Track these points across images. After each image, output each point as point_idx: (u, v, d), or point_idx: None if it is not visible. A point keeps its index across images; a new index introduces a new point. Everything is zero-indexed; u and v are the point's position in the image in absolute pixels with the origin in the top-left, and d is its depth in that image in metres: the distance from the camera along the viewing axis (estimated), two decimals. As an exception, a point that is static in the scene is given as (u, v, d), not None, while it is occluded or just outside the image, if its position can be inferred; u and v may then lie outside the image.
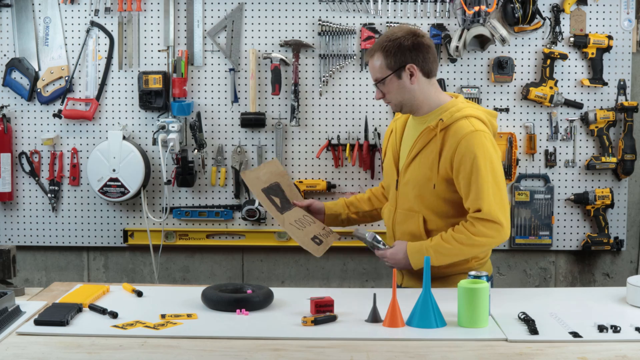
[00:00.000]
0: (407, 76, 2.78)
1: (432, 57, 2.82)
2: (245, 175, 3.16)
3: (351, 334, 2.25)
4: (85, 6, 3.96)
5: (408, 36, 2.78)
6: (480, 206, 2.67)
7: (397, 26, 2.89)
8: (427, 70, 2.81)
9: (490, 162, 2.72)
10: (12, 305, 2.39)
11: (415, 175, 2.80)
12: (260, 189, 3.05)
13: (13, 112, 4.01)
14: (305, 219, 3.08)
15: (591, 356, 2.09)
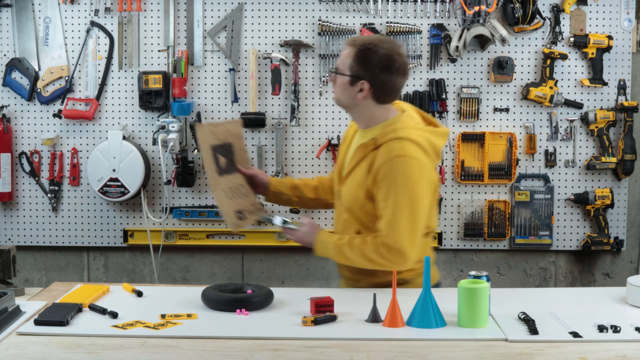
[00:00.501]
0: (358, 88, 2.69)
1: (393, 90, 2.70)
2: (200, 127, 3.08)
3: (351, 334, 2.25)
4: (85, 6, 3.96)
5: (387, 57, 2.66)
6: (390, 234, 2.61)
7: (392, 41, 2.75)
8: (380, 97, 2.70)
9: (410, 191, 2.60)
10: (12, 305, 2.39)
11: (347, 190, 2.77)
12: (209, 145, 2.96)
13: (13, 112, 4.01)
14: (241, 189, 3.01)
15: (591, 356, 2.09)
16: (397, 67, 2.66)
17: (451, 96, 3.99)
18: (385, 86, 2.67)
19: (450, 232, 4.06)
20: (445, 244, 4.07)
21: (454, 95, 4.00)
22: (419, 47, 3.97)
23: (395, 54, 2.67)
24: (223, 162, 3.02)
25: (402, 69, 2.69)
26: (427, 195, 2.66)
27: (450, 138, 4.00)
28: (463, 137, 3.99)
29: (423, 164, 2.63)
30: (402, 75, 2.70)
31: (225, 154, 3.07)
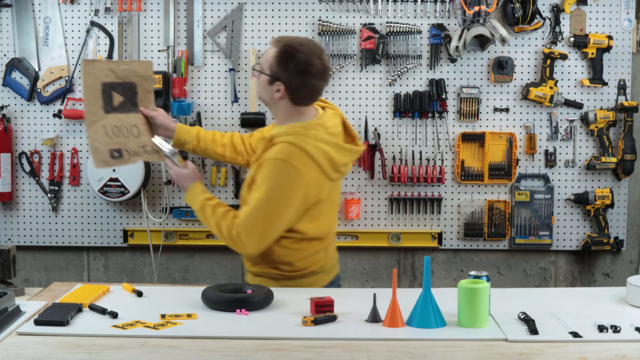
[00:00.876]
0: (276, 89, 2.77)
1: (310, 94, 2.78)
2: (90, 62, 3.17)
3: (351, 334, 2.25)
4: (85, 6, 3.96)
5: (305, 62, 2.73)
6: (243, 224, 2.71)
7: (314, 45, 2.81)
8: (296, 99, 2.78)
9: (276, 196, 2.69)
10: (12, 305, 2.39)
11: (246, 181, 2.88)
12: (100, 81, 3.02)
13: (13, 112, 4.01)
14: (132, 130, 3.06)
15: (591, 356, 2.09)
16: (314, 73, 2.74)
17: (451, 96, 3.99)
18: (301, 89, 2.76)
19: (450, 232, 4.06)
20: (445, 244, 4.07)
21: (454, 95, 4.00)
22: (419, 47, 3.97)
23: (314, 59, 2.75)
24: (118, 101, 3.09)
25: (320, 74, 2.77)
26: (294, 204, 2.70)
27: (451, 138, 4.00)
28: (463, 137, 4.00)
29: (300, 176, 2.69)
30: (320, 79, 2.78)
31: (124, 93, 3.13)
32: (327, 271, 2.95)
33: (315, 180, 2.73)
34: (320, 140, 2.75)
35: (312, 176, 2.72)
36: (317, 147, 2.73)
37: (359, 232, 4.05)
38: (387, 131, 4.00)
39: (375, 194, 4.03)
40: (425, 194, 4.03)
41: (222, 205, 2.81)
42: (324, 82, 2.80)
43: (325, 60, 2.79)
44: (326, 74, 2.80)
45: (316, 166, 2.72)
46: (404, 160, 4.00)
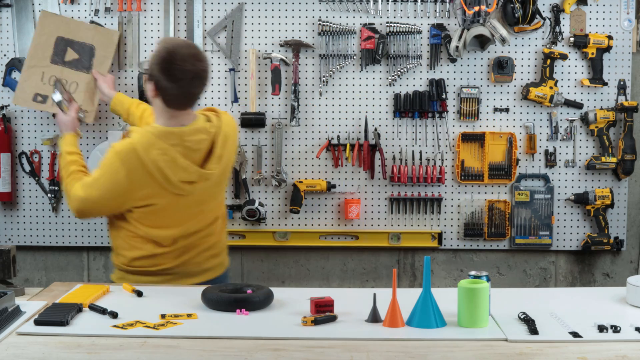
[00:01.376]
0: (150, 87, 2.87)
1: (178, 99, 2.85)
2: (50, 16, 3.65)
3: (351, 334, 2.25)
4: (85, 6, 3.96)
5: (176, 66, 2.79)
6: (79, 184, 2.94)
7: (195, 50, 2.87)
8: (167, 103, 2.86)
9: (100, 177, 2.88)
10: (12, 305, 2.39)
11: None
12: (57, 35, 3.48)
13: (13, 112, 4.01)
14: (71, 86, 3.51)
15: (591, 356, 2.09)
16: (182, 77, 2.79)
17: (451, 96, 3.99)
18: (169, 92, 2.82)
19: (450, 232, 4.06)
20: (445, 244, 4.07)
21: (454, 95, 4.00)
22: (419, 47, 3.97)
23: (186, 64, 2.79)
24: (71, 57, 3.51)
25: (189, 80, 2.81)
26: (112, 193, 2.88)
27: (451, 138, 4.00)
28: (463, 137, 4.00)
29: (124, 174, 2.83)
30: (190, 85, 2.82)
31: (81, 53, 3.56)
32: (176, 275, 3.00)
33: (142, 184, 2.83)
34: (160, 150, 2.81)
35: (139, 180, 2.82)
36: (153, 158, 2.80)
37: (359, 232, 4.05)
38: (387, 131, 4.00)
39: (375, 194, 4.03)
40: (425, 194, 4.03)
41: (76, 163, 3.00)
42: (195, 89, 2.84)
43: (199, 66, 2.82)
44: (197, 80, 2.82)
45: (147, 174, 2.81)
46: (404, 160, 4.00)
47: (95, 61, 3.73)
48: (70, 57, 3.76)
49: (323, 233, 4.05)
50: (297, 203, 3.97)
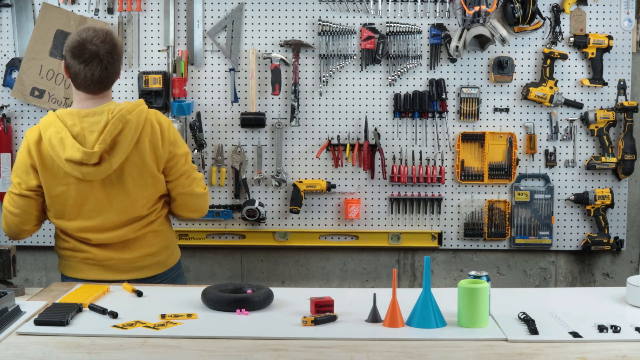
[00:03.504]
0: (65, 71, 2.89)
1: (75, 78, 2.84)
2: (51, 9, 3.71)
3: (351, 334, 2.25)
4: (85, 6, 3.96)
5: (74, 44, 2.81)
6: None
7: (101, 32, 2.83)
8: (76, 85, 2.87)
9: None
10: (12, 305, 2.39)
11: None
12: (56, 28, 3.67)
13: (13, 112, 4.01)
14: (66, 81, 3.59)
15: (591, 356, 2.09)
16: (78, 56, 2.81)
17: (451, 96, 3.99)
18: (73, 75, 2.84)
19: (450, 232, 4.06)
20: (445, 244, 4.07)
21: (454, 95, 4.00)
22: (419, 47, 3.97)
23: (86, 43, 2.81)
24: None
25: (84, 59, 2.81)
26: (17, 177, 2.90)
27: (451, 138, 4.00)
28: (463, 137, 4.00)
29: (22, 146, 2.88)
30: (85, 64, 2.81)
31: None
32: (104, 268, 2.96)
33: (41, 165, 2.86)
34: (55, 129, 2.81)
35: (37, 159, 2.85)
36: (48, 136, 2.81)
37: (359, 232, 4.05)
38: (387, 131, 4.00)
39: (375, 194, 4.04)
40: (425, 194, 4.03)
41: None
42: (97, 71, 2.81)
43: (97, 47, 2.80)
44: (94, 61, 2.81)
45: (43, 153, 2.84)
46: (404, 160, 4.00)
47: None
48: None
49: (323, 233, 4.06)
50: (297, 203, 3.97)
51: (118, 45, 2.87)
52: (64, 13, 3.87)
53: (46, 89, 3.83)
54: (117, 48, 2.86)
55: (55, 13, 3.85)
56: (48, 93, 3.83)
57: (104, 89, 2.87)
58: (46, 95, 3.83)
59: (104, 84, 2.85)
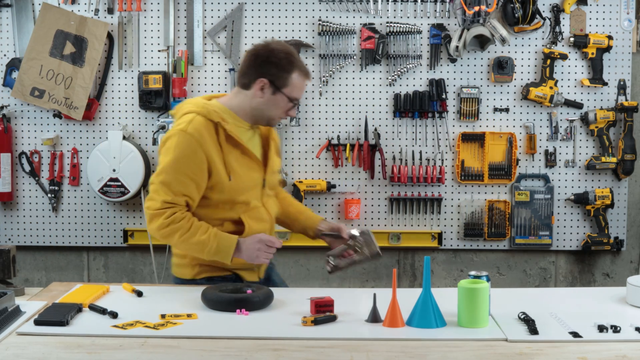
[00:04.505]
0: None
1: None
2: (50, 8, 3.81)
3: (351, 334, 2.25)
4: (85, 6, 3.96)
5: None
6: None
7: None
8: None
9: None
10: (12, 305, 2.39)
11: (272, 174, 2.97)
12: (57, 28, 3.74)
13: (13, 112, 4.01)
14: (66, 81, 3.78)
15: (591, 356, 2.09)
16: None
17: (451, 96, 3.99)
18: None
19: (450, 232, 4.06)
20: (445, 244, 4.07)
21: (454, 95, 4.00)
22: (419, 47, 3.97)
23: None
24: (69, 50, 3.65)
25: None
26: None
27: (451, 138, 4.00)
28: (463, 137, 4.00)
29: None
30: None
31: (77, 46, 3.71)
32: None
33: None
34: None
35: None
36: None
37: (359, 232, 4.04)
38: (387, 131, 4.00)
39: (375, 194, 4.04)
40: (425, 194, 4.03)
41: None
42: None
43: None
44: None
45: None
46: (404, 160, 4.00)
47: (88, 54, 3.84)
48: (69, 50, 3.82)
49: (323, 233, 4.05)
50: (297, 203, 3.97)
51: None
52: (64, 13, 3.87)
53: (46, 89, 3.84)
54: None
55: (55, 13, 3.85)
56: (48, 93, 3.84)
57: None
58: (46, 95, 3.85)
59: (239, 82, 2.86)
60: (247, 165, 2.78)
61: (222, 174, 2.70)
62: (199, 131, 2.66)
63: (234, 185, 2.73)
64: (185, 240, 2.67)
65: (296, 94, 2.75)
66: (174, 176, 2.66)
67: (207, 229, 2.68)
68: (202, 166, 2.67)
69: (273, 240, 2.71)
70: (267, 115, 2.77)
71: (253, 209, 2.81)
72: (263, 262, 2.73)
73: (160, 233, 2.68)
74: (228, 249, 2.67)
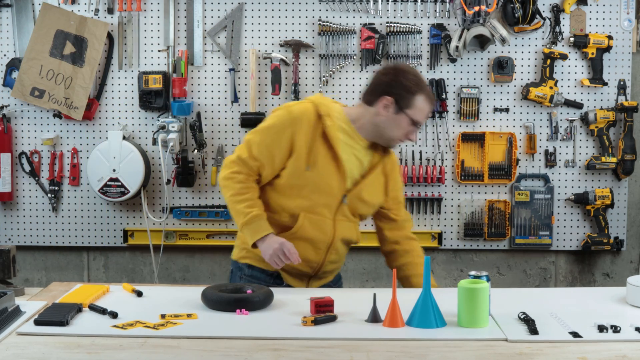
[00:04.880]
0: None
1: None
2: (50, 8, 3.83)
3: (351, 334, 2.25)
4: (85, 6, 3.96)
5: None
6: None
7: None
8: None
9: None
10: (12, 305, 2.39)
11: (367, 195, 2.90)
12: (57, 28, 3.80)
13: (13, 112, 4.01)
14: (66, 81, 3.73)
15: (591, 356, 2.09)
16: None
17: (451, 96, 3.99)
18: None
19: (450, 232, 4.06)
20: (445, 244, 4.07)
21: (454, 95, 4.00)
22: (419, 47, 3.97)
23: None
24: (69, 50, 3.71)
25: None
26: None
27: (451, 138, 4.00)
28: (463, 137, 4.00)
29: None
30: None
31: (77, 46, 3.76)
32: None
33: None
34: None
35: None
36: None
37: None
38: (387, 131, 4.00)
39: (375, 194, 4.03)
40: (425, 194, 4.03)
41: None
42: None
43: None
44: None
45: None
46: (404, 160, 4.00)
47: (88, 54, 3.85)
48: (69, 50, 3.83)
49: (323, 233, 4.05)
50: (297, 203, 3.96)
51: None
52: (64, 13, 3.87)
53: (46, 89, 3.84)
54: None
55: (55, 13, 3.85)
56: (48, 93, 3.84)
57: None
58: (46, 95, 3.85)
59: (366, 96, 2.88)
60: (330, 170, 2.79)
61: (302, 160, 2.76)
62: (300, 115, 2.76)
63: (308, 177, 2.77)
64: (232, 201, 2.77)
65: (419, 117, 2.76)
66: (259, 139, 2.77)
67: (254, 205, 2.75)
68: (284, 143, 2.75)
69: (293, 253, 2.72)
70: (387, 134, 2.79)
71: (318, 216, 2.83)
72: (271, 264, 2.74)
73: (220, 183, 2.82)
74: (256, 233, 2.73)
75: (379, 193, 2.91)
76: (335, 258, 2.94)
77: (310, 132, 2.75)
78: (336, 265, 3.00)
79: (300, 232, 2.80)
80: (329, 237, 2.86)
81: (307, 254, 2.82)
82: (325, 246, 2.86)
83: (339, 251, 2.94)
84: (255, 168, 2.78)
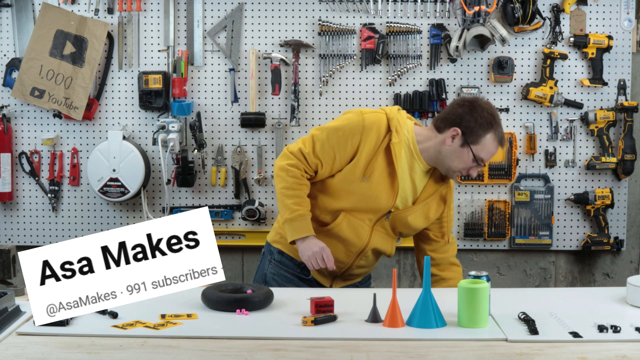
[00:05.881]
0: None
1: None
2: (50, 8, 3.84)
3: (351, 334, 2.25)
4: (85, 6, 3.96)
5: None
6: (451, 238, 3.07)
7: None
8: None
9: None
10: (12, 305, 2.39)
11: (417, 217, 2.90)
12: (57, 27, 3.81)
13: (13, 112, 4.01)
14: (66, 80, 3.74)
15: (591, 356, 2.09)
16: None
17: (451, 96, 3.99)
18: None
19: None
20: (445, 244, 4.06)
21: (454, 95, 4.00)
22: (419, 47, 3.97)
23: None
24: (69, 50, 3.72)
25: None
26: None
27: (450, 138, 4.00)
28: (463, 137, 3.99)
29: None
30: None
31: (77, 46, 3.77)
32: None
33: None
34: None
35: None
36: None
37: (359, 232, 4.04)
38: (387, 131, 4.00)
39: (375, 194, 4.03)
40: (425, 194, 4.02)
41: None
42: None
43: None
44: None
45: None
46: (404, 160, 4.00)
47: (88, 54, 3.85)
48: (69, 50, 3.83)
49: (323, 233, 4.05)
50: (297, 203, 3.96)
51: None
52: (64, 13, 3.87)
53: (46, 89, 3.85)
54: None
55: (55, 13, 3.85)
56: (48, 93, 3.85)
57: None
58: (46, 95, 3.85)
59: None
60: (384, 185, 2.80)
61: (359, 169, 2.77)
62: (371, 124, 2.76)
63: (361, 187, 2.78)
64: (282, 194, 2.79)
65: (483, 155, 2.76)
66: (325, 137, 2.78)
67: (302, 203, 2.77)
68: (349, 148, 2.76)
69: (330, 260, 2.75)
70: (448, 164, 2.79)
71: (357, 220, 2.83)
72: (307, 265, 2.77)
73: (275, 171, 2.84)
74: (298, 232, 2.75)
75: (426, 219, 2.90)
76: (364, 264, 2.94)
77: (375, 143, 2.76)
78: (364, 270, 3.00)
79: (336, 230, 2.82)
80: (362, 243, 2.87)
81: (337, 254, 2.83)
82: (357, 250, 2.88)
83: (369, 259, 2.95)
84: (313, 165, 2.80)
